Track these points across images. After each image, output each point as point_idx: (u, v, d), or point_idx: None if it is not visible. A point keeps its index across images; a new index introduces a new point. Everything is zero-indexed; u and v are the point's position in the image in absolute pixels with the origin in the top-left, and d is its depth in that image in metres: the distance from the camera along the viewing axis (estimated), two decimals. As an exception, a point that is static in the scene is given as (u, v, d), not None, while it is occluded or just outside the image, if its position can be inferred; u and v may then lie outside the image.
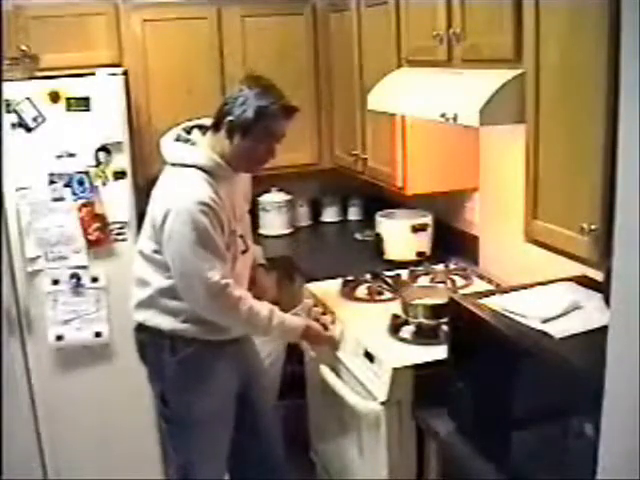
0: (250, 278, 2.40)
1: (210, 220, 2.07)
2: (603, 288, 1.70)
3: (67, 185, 2.86)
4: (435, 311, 2.27)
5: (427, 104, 2.21)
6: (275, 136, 2.17)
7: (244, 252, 2.30)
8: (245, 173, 2.31)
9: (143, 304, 2.27)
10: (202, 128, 2.26)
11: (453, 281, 2.73)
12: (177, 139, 2.25)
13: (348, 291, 2.71)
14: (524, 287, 1.95)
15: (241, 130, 2.13)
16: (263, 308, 2.19)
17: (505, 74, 1.88)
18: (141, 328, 2.30)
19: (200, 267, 2.07)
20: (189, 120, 2.30)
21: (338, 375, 2.41)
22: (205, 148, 2.19)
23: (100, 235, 2.92)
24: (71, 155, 2.86)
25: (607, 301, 1.39)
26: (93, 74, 2.92)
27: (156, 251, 2.18)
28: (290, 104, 2.18)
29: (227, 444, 2.36)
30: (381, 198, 3.45)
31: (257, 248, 2.56)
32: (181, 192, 2.12)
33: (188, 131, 2.27)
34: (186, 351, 2.22)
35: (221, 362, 2.28)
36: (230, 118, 2.13)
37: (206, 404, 2.26)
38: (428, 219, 3.06)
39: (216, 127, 2.18)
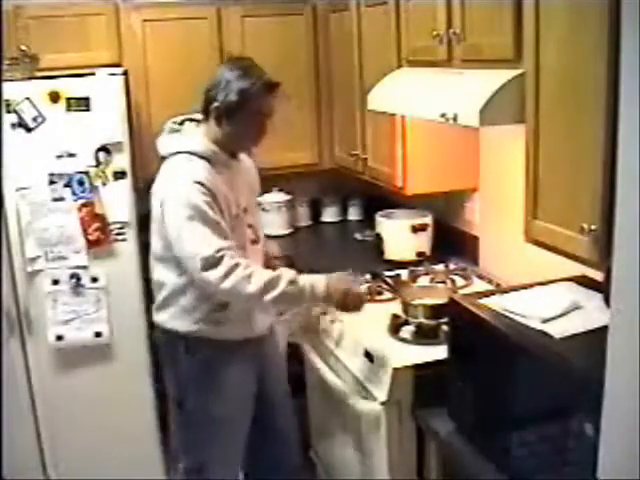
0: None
1: (204, 197, 2.06)
2: (603, 288, 1.70)
3: (67, 185, 2.86)
4: (435, 311, 2.27)
5: (427, 104, 2.21)
6: (262, 114, 2.18)
7: (254, 242, 2.28)
8: (242, 152, 2.31)
9: (160, 306, 2.27)
10: (194, 121, 2.27)
11: (453, 281, 2.73)
12: (170, 132, 2.27)
13: (348, 291, 2.71)
14: (524, 287, 1.95)
15: (227, 113, 2.15)
16: (275, 272, 2.11)
17: (505, 74, 1.87)
18: (158, 330, 2.31)
19: (195, 245, 2.04)
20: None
21: (338, 375, 2.41)
22: (198, 136, 2.20)
23: (100, 235, 2.91)
24: (71, 155, 2.85)
25: (607, 301, 1.40)
26: (93, 74, 2.92)
27: (165, 247, 2.17)
28: (271, 80, 2.18)
29: (242, 446, 2.35)
30: (381, 198, 3.45)
31: (272, 242, 2.54)
32: (175, 175, 2.14)
33: (180, 123, 2.28)
34: (202, 352, 2.21)
35: (238, 363, 2.26)
36: (215, 104, 2.15)
37: (223, 406, 2.24)
38: (428, 219, 3.06)
39: (205, 115, 2.20)
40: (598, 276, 1.80)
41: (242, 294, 2.05)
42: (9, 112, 2.78)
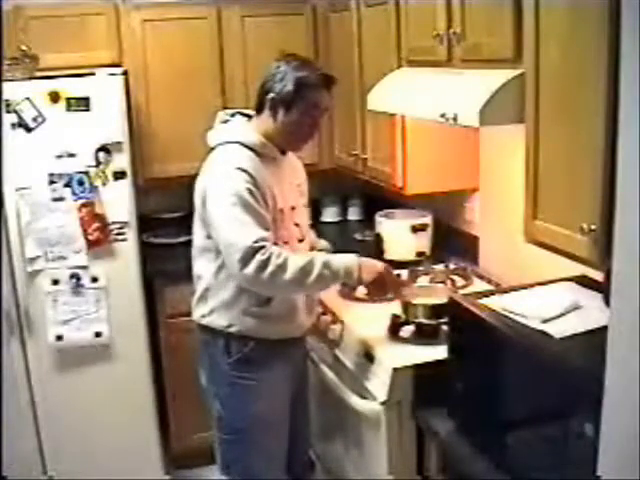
0: None
1: (247, 185, 2.03)
2: (603, 288, 1.70)
3: (67, 185, 2.86)
4: (435, 311, 2.26)
5: (427, 104, 2.21)
6: (318, 108, 2.17)
7: (300, 241, 2.26)
8: (291, 151, 2.28)
9: (199, 299, 2.24)
10: (246, 115, 2.26)
11: (453, 281, 2.73)
12: (220, 123, 2.26)
13: (348, 291, 2.71)
14: (524, 287, 1.95)
15: (284, 105, 2.13)
16: (308, 256, 2.08)
17: (505, 74, 1.88)
18: (198, 327, 2.27)
19: (235, 233, 2.00)
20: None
21: (338, 375, 2.41)
22: (247, 128, 2.19)
23: (100, 235, 2.91)
24: (71, 155, 2.85)
25: (607, 301, 1.40)
26: (93, 74, 2.92)
27: (206, 236, 2.14)
28: (329, 74, 2.20)
29: (285, 450, 2.31)
30: (381, 198, 3.45)
31: (323, 241, 2.52)
32: (219, 162, 2.13)
33: (231, 115, 2.27)
34: (242, 351, 2.17)
35: (278, 363, 2.22)
36: (272, 95, 2.13)
37: (263, 408, 2.21)
38: (428, 219, 3.06)
39: (259, 108, 2.18)
40: (598, 276, 1.80)
41: (279, 283, 2.02)
42: (9, 112, 2.78)
